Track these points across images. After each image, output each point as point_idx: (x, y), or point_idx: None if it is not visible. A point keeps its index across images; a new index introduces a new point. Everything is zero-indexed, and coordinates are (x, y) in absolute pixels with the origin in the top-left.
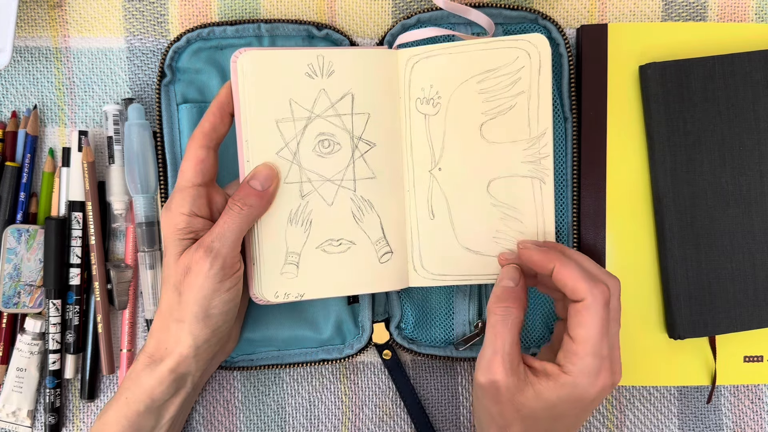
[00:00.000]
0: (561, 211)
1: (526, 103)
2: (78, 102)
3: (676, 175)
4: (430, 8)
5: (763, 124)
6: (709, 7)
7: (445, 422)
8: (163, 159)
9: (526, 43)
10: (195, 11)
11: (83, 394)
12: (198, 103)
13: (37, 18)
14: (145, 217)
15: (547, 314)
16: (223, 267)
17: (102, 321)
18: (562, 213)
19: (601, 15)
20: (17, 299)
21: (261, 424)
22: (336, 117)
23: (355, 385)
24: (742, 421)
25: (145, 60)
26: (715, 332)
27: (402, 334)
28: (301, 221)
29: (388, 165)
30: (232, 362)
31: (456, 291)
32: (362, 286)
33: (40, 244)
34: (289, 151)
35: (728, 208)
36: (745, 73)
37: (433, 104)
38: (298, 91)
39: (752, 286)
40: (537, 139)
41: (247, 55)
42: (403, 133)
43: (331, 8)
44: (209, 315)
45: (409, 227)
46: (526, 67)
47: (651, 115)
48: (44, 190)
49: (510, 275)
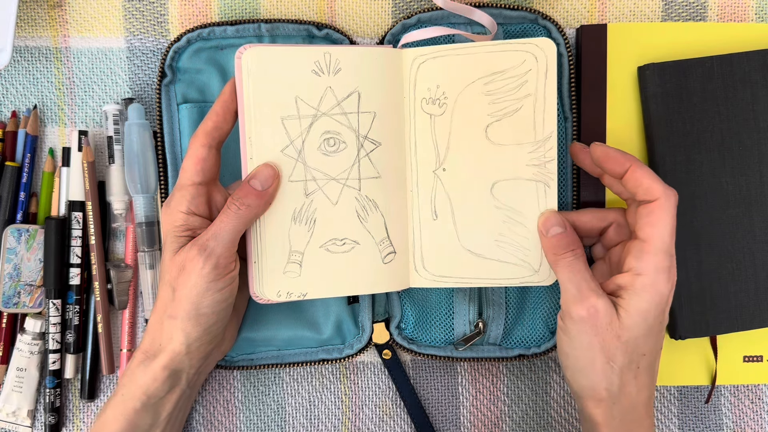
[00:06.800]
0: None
1: (532, 106)
2: (78, 102)
3: (675, 176)
4: (431, 8)
5: (762, 124)
6: (709, 7)
7: (445, 422)
8: (163, 159)
9: (533, 46)
10: (195, 11)
11: (83, 394)
12: (198, 103)
13: (37, 18)
14: (145, 217)
15: (547, 314)
16: (216, 266)
17: (102, 321)
18: None
19: (601, 15)
20: (17, 299)
21: (261, 424)
22: (342, 115)
23: (355, 385)
24: (742, 421)
25: (145, 60)
26: (716, 332)
27: (402, 334)
28: (305, 220)
29: (393, 165)
30: (231, 362)
31: (456, 291)
32: (365, 286)
33: (40, 244)
34: (294, 149)
35: (728, 208)
36: (744, 73)
37: (439, 105)
38: (305, 88)
39: (753, 286)
40: (542, 142)
41: (252, 51)
42: (408, 133)
43: (331, 8)
44: (201, 314)
45: (412, 227)
46: (533, 71)
47: (650, 115)
48: (44, 190)
49: (555, 221)
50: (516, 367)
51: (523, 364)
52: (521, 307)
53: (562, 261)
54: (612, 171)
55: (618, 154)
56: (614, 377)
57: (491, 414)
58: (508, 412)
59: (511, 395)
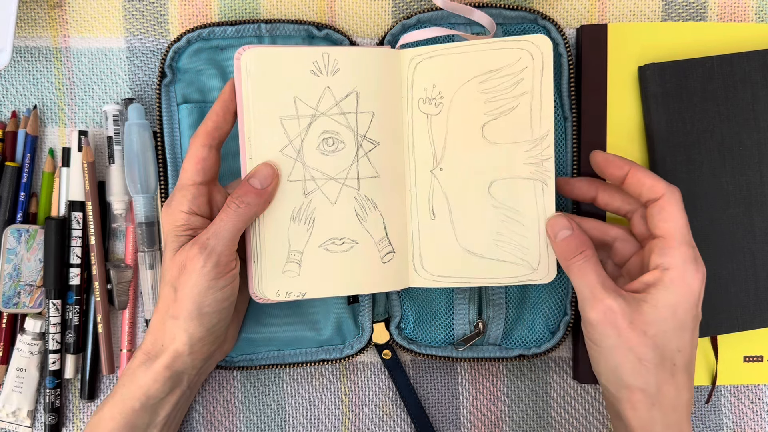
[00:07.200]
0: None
1: (528, 104)
2: (78, 102)
3: (675, 175)
4: (430, 8)
5: (762, 124)
6: (709, 7)
7: (445, 422)
8: (163, 159)
9: (528, 44)
10: (195, 11)
11: (83, 394)
12: (198, 104)
13: (37, 18)
14: (145, 217)
15: (547, 314)
16: (217, 265)
17: (102, 321)
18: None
19: (601, 15)
20: (17, 299)
21: (261, 424)
22: (341, 115)
23: (355, 385)
24: (742, 421)
25: (145, 60)
26: (716, 332)
27: (402, 334)
28: (304, 219)
29: (391, 164)
30: (232, 362)
31: (456, 291)
32: (364, 285)
33: (40, 244)
34: (293, 149)
35: (728, 208)
36: (744, 73)
37: (435, 104)
38: (303, 88)
39: (753, 286)
40: (539, 141)
41: (251, 52)
42: (406, 133)
43: (331, 8)
44: (203, 313)
45: (411, 227)
46: (528, 68)
47: (650, 115)
48: (44, 190)
49: (561, 225)
50: (516, 367)
51: (523, 364)
52: (521, 308)
53: (573, 265)
54: (613, 175)
55: (618, 158)
56: (649, 377)
57: (491, 414)
58: (508, 412)
59: (511, 395)
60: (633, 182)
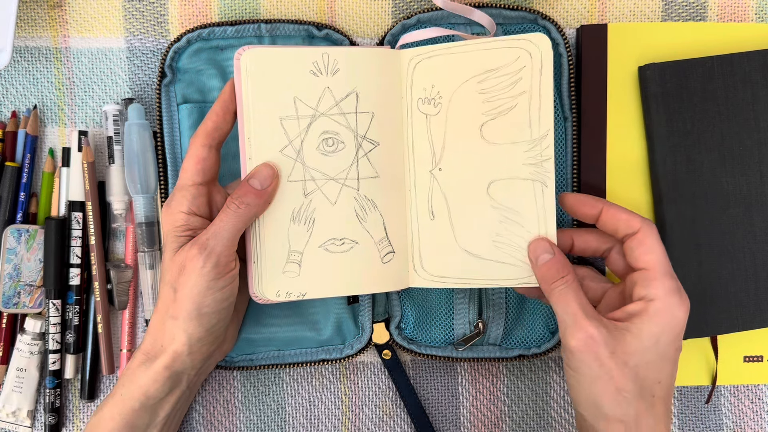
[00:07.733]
0: (561, 212)
1: (527, 103)
2: (78, 102)
3: (676, 176)
4: (430, 8)
5: (762, 124)
6: (709, 7)
7: (445, 422)
8: (163, 159)
9: (527, 42)
10: (195, 11)
11: (83, 395)
12: (198, 104)
13: (37, 18)
14: (145, 217)
15: (547, 315)
16: (216, 265)
17: (102, 321)
18: (562, 213)
19: (601, 15)
20: (17, 299)
21: (261, 424)
22: (340, 115)
23: (355, 385)
24: (742, 421)
25: (145, 60)
26: (716, 332)
27: (402, 334)
28: (304, 220)
29: (391, 165)
30: (231, 362)
31: (456, 291)
32: (364, 286)
33: (40, 244)
34: (292, 149)
35: (728, 208)
36: (744, 73)
37: (434, 104)
38: (303, 88)
39: (753, 286)
40: (538, 141)
41: (251, 52)
42: (405, 133)
43: (331, 8)
44: (202, 313)
45: (410, 227)
46: (527, 67)
47: (651, 115)
48: (44, 190)
49: (543, 249)
50: (516, 367)
51: (523, 365)
52: (521, 308)
53: (554, 292)
54: (586, 215)
55: (589, 198)
56: (629, 408)
57: (491, 414)
58: (508, 412)
59: (511, 395)
60: (608, 218)
